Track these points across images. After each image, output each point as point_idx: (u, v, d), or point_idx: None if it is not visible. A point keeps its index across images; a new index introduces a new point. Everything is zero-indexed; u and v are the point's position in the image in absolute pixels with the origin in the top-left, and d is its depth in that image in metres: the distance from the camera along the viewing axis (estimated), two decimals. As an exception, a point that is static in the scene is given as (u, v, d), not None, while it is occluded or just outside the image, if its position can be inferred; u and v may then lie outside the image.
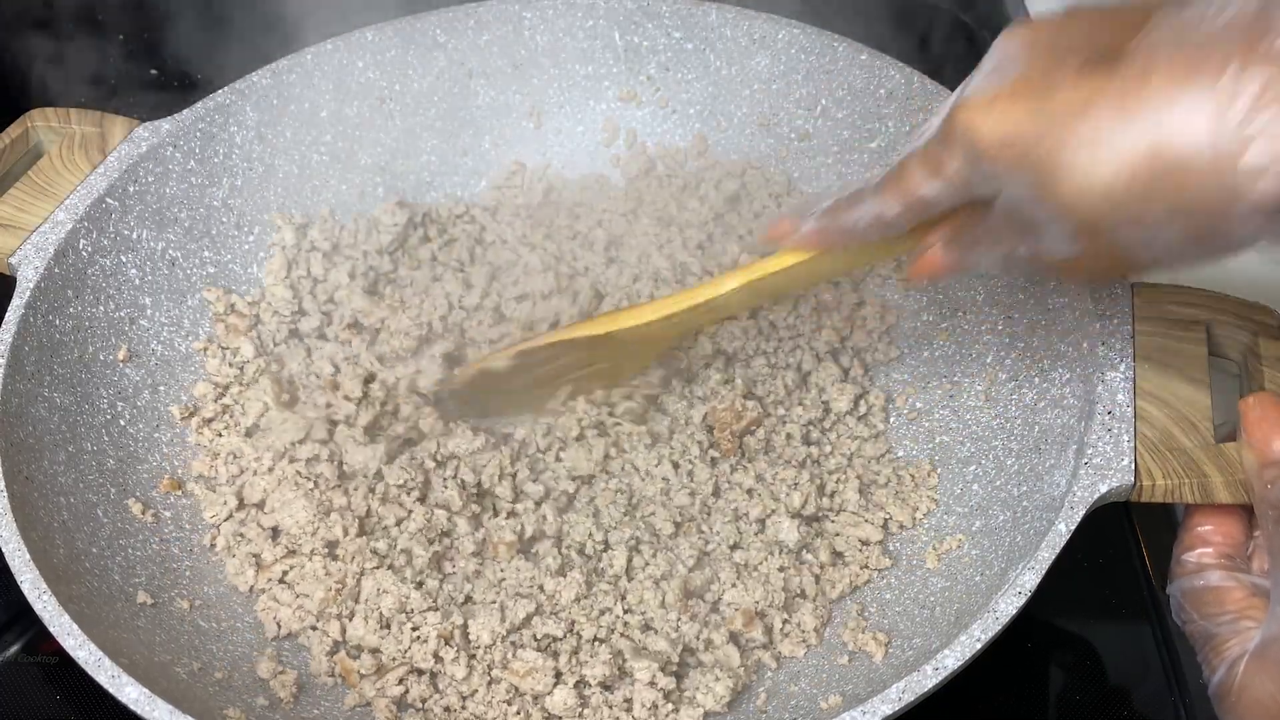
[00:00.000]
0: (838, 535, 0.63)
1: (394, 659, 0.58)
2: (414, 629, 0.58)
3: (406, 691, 0.57)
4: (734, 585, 0.60)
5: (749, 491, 0.64)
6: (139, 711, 0.47)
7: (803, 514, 0.62)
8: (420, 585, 0.60)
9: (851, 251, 0.55)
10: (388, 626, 0.58)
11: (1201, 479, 0.52)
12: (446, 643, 0.57)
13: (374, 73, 0.75)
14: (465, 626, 0.58)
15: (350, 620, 0.59)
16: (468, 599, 0.60)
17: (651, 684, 0.55)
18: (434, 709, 0.56)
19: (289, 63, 0.73)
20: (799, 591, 0.60)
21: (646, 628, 0.59)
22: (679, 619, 0.58)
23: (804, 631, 0.59)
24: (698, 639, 0.58)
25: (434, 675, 0.58)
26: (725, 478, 0.64)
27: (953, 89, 0.69)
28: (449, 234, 0.76)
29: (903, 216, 0.50)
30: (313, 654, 0.59)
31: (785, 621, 0.59)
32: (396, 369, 0.69)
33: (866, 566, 0.62)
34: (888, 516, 0.63)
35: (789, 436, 0.66)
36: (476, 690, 0.57)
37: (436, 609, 0.58)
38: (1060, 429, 0.57)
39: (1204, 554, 0.52)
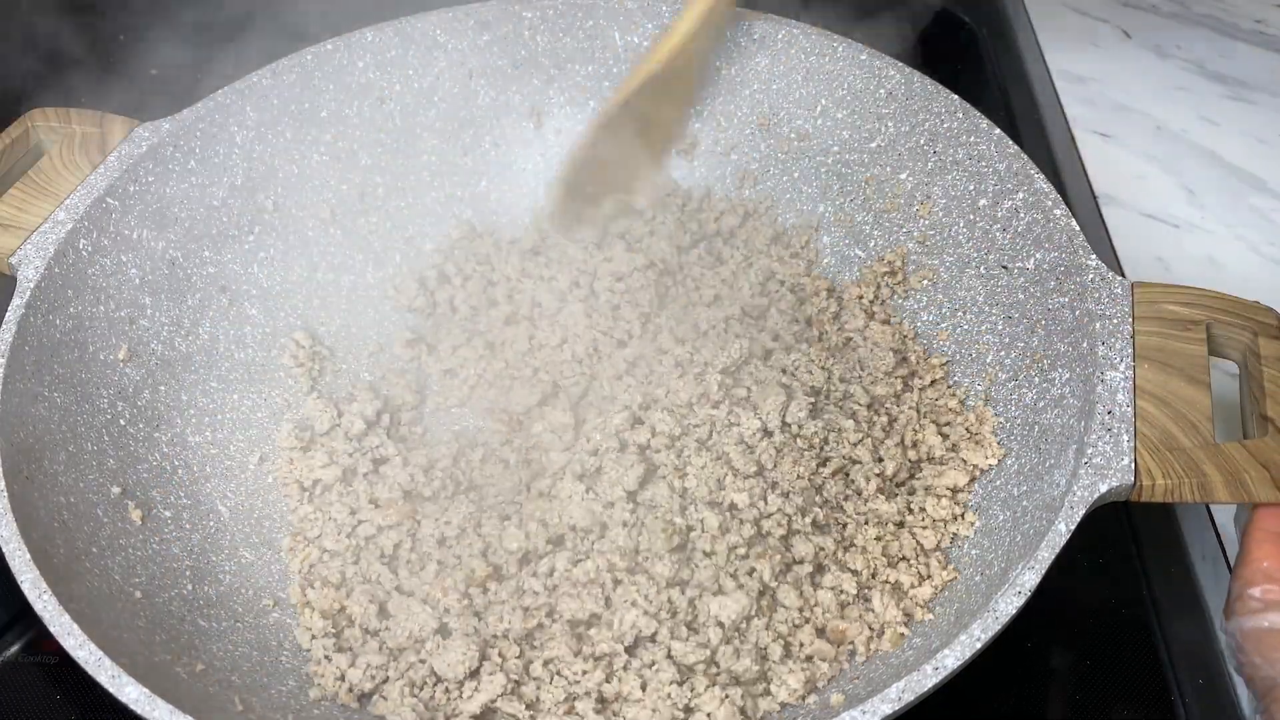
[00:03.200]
0: (928, 489, 0.62)
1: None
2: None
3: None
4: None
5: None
6: (139, 711, 0.47)
7: (895, 480, 0.62)
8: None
9: None
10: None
11: (1201, 479, 0.52)
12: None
13: (374, 73, 0.75)
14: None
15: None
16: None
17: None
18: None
19: (289, 63, 0.73)
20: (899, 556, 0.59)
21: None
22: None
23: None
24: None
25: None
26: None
27: (952, 87, 0.70)
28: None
29: None
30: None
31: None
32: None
33: (952, 520, 0.60)
34: (964, 460, 0.62)
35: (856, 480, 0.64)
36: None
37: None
38: (1060, 429, 0.57)
39: (1269, 590, 0.47)
